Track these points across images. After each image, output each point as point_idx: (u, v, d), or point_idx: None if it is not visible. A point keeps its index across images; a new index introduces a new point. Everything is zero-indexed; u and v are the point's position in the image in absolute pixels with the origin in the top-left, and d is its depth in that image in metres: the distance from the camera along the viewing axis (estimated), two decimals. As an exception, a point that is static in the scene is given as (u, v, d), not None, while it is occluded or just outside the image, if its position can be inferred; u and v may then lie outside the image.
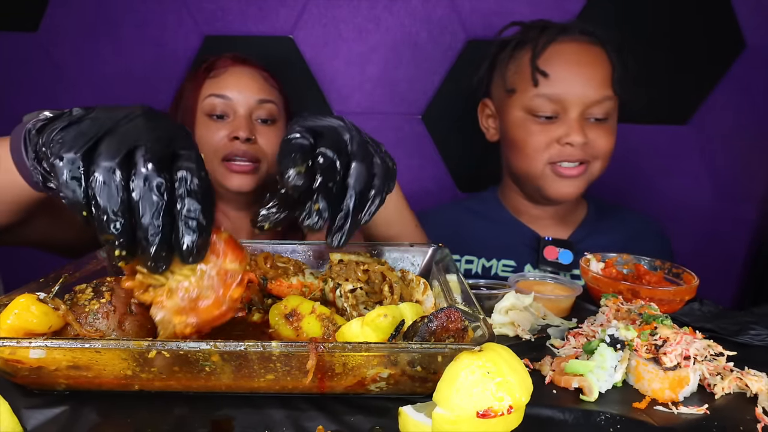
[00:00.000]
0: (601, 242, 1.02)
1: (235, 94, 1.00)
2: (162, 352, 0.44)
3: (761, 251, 1.32)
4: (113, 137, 0.43)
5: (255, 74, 1.04)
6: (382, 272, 0.63)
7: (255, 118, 1.02)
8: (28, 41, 1.29)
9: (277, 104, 1.05)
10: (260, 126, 1.03)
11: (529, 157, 0.98)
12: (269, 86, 1.06)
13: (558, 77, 0.95)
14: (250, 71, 1.04)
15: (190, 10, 1.26)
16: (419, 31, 1.27)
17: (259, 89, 1.03)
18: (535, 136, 0.97)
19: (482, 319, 0.50)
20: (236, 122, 1.00)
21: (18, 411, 0.46)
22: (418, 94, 1.31)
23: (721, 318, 0.71)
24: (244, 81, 1.02)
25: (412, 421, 0.43)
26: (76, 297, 0.52)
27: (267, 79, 1.06)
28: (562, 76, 0.95)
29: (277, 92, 1.07)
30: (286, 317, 0.56)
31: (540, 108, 0.96)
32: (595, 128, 0.96)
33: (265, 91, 1.04)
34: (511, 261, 1.04)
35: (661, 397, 0.52)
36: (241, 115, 1.01)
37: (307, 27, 1.27)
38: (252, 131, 1.00)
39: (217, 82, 1.02)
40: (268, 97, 1.03)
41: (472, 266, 1.06)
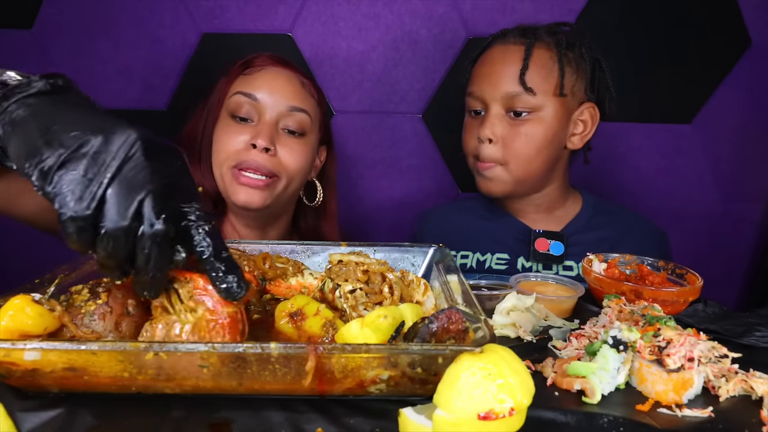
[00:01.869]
0: (593, 237, 1.02)
1: (264, 96, 0.91)
2: (159, 354, 0.44)
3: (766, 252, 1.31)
4: (121, 187, 0.41)
5: (292, 78, 0.95)
6: (381, 273, 0.63)
7: (282, 126, 0.92)
8: (22, 38, 1.29)
9: (311, 115, 0.95)
10: (285, 137, 0.92)
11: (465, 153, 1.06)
12: (306, 94, 0.96)
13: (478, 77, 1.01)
14: (287, 74, 0.95)
15: (188, 8, 1.26)
16: (419, 29, 1.26)
17: (293, 95, 0.93)
18: (467, 133, 1.05)
19: (483, 320, 0.50)
20: (259, 127, 0.90)
21: (13, 414, 0.45)
22: (418, 93, 1.30)
23: (726, 319, 0.70)
24: (279, 83, 0.93)
25: (413, 423, 0.42)
26: (72, 298, 0.51)
27: (305, 86, 0.96)
28: (480, 75, 1.01)
29: (313, 102, 0.97)
30: (291, 316, 0.55)
31: (470, 104, 1.03)
32: (515, 127, 0.97)
33: (299, 98, 0.94)
34: (505, 254, 1.05)
35: (664, 399, 0.52)
36: (266, 121, 0.91)
37: (306, 25, 1.26)
38: (273, 141, 0.90)
39: (249, 79, 0.93)
40: (301, 105, 0.93)
41: (467, 261, 1.08)
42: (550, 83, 0.96)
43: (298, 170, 0.94)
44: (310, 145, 0.96)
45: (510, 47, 0.98)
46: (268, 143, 0.88)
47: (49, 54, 1.29)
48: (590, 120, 1.00)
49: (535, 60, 0.95)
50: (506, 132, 0.97)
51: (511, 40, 0.99)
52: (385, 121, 1.32)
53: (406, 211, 1.38)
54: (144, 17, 1.26)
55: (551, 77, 0.96)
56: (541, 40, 0.97)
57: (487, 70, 1.00)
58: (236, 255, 0.66)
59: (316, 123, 0.97)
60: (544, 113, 0.96)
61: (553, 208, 1.07)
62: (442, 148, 1.34)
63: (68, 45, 1.28)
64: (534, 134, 0.96)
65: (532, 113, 0.96)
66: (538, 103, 0.95)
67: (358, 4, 1.25)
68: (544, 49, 0.96)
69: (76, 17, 1.27)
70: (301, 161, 0.94)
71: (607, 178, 1.24)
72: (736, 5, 1.20)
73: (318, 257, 0.73)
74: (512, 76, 0.95)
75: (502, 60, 0.98)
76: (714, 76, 1.25)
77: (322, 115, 1.00)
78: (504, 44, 1.00)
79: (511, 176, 0.99)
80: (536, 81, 0.95)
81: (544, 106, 0.96)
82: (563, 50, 0.96)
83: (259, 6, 1.25)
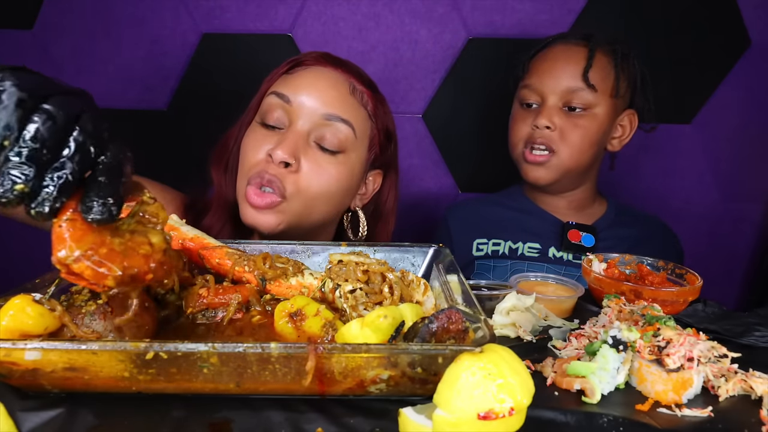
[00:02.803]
0: (618, 234, 1.10)
1: (299, 98, 0.75)
2: (160, 354, 0.44)
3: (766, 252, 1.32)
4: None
5: (340, 81, 0.78)
6: (381, 273, 0.63)
7: (314, 138, 0.76)
8: (23, 39, 1.29)
9: (356, 129, 0.78)
10: (316, 151, 0.76)
11: (513, 143, 1.12)
12: (354, 102, 0.79)
13: (538, 71, 1.08)
14: (335, 75, 0.79)
15: (188, 8, 1.26)
16: (419, 29, 1.26)
17: (335, 100, 0.76)
18: (517, 124, 1.10)
19: (483, 320, 0.50)
20: (285, 136, 0.75)
21: (13, 413, 0.45)
22: (418, 93, 1.30)
23: (725, 319, 0.70)
24: (321, 84, 0.77)
25: (413, 423, 0.42)
26: (73, 298, 0.51)
27: (356, 93, 0.79)
28: (541, 69, 1.07)
29: (363, 114, 0.80)
30: (291, 316, 0.55)
31: (525, 96, 1.09)
32: (571, 119, 1.04)
33: (342, 106, 0.77)
34: (536, 244, 1.11)
35: (664, 399, 0.52)
36: (295, 129, 0.75)
37: (306, 25, 1.26)
38: (296, 153, 0.74)
39: (289, 79, 0.79)
40: (343, 114, 0.76)
41: (499, 248, 1.12)
42: (607, 84, 1.04)
43: (321, 194, 0.77)
44: (348, 166, 0.79)
45: (572, 47, 1.06)
46: (287, 156, 0.73)
47: (50, 54, 1.29)
48: (629, 125, 1.09)
49: (596, 61, 1.03)
50: (563, 122, 1.04)
51: (573, 42, 1.07)
52: (385, 121, 1.32)
53: (407, 211, 1.38)
54: (144, 17, 1.26)
55: (608, 79, 1.04)
56: (601, 46, 1.05)
57: (548, 66, 1.07)
58: (236, 255, 0.66)
59: (363, 139, 0.80)
60: (598, 111, 1.04)
61: (583, 207, 1.14)
62: (442, 148, 1.34)
63: (69, 45, 1.29)
64: (589, 127, 1.04)
65: (586, 110, 1.04)
66: (595, 100, 1.03)
67: (358, 4, 1.25)
68: (604, 54, 1.05)
69: (77, 17, 1.27)
70: (328, 183, 0.77)
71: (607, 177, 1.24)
72: (736, 6, 1.20)
73: (318, 257, 0.73)
74: (574, 73, 1.03)
75: (564, 57, 1.05)
76: (714, 76, 1.25)
77: (378, 132, 0.83)
78: (566, 44, 1.08)
79: (562, 165, 1.05)
80: (596, 79, 1.02)
81: (599, 105, 1.04)
82: (620, 57, 1.05)
83: (259, 6, 1.25)
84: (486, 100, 1.31)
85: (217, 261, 0.66)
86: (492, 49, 1.26)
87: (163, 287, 0.61)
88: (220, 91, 1.29)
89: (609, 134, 1.09)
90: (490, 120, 1.32)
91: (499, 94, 1.30)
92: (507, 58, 1.25)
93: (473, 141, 1.35)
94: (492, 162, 1.34)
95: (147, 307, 0.54)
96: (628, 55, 1.07)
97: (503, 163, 1.35)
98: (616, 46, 1.07)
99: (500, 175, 1.29)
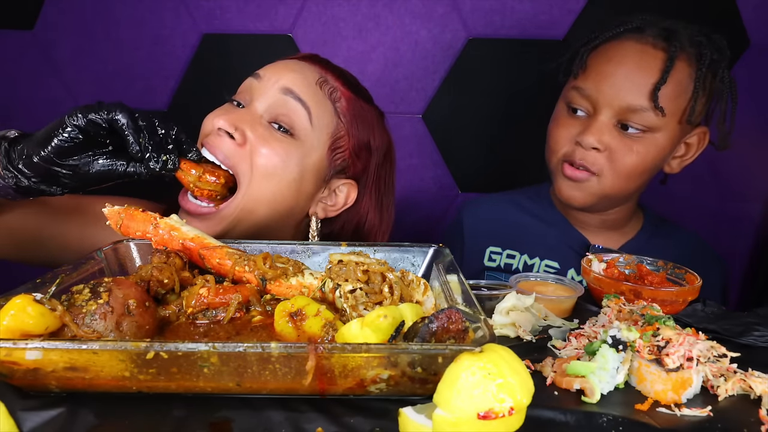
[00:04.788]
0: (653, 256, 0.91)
1: (266, 74, 0.78)
2: (160, 353, 0.44)
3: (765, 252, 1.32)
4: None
5: (312, 71, 0.80)
6: (381, 273, 0.63)
7: (269, 117, 0.76)
8: (23, 39, 1.29)
9: (314, 116, 0.77)
10: (268, 128, 0.76)
11: (550, 150, 0.94)
12: (321, 93, 0.79)
13: (595, 72, 0.86)
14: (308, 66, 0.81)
15: (189, 9, 1.26)
16: (419, 29, 1.26)
17: (299, 81, 0.77)
18: (559, 129, 0.92)
19: (483, 320, 0.50)
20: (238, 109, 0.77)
21: (14, 413, 0.45)
22: (418, 93, 1.30)
23: (725, 319, 0.70)
24: (291, 68, 0.79)
25: (413, 422, 0.42)
26: (74, 298, 0.51)
27: (325, 86, 0.79)
28: (599, 72, 0.85)
29: (329, 108, 0.79)
30: (291, 316, 0.55)
31: (573, 100, 0.89)
32: (625, 141, 0.85)
33: (305, 89, 0.77)
34: (555, 263, 0.98)
35: (663, 398, 0.52)
36: (251, 106, 0.77)
37: (306, 25, 1.27)
38: (240, 125, 0.73)
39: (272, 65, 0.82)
40: (302, 95, 0.76)
41: (513, 261, 1.00)
42: (679, 106, 0.83)
43: (272, 172, 0.75)
44: (299, 152, 0.76)
45: (648, 49, 0.83)
46: (229, 125, 0.72)
47: (50, 54, 1.29)
48: (696, 145, 0.90)
49: (674, 73, 0.81)
50: (615, 144, 0.85)
51: (650, 41, 0.84)
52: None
53: (407, 212, 1.38)
54: (145, 18, 1.26)
55: (682, 98, 0.82)
56: (684, 51, 0.83)
57: (612, 69, 0.84)
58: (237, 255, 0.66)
59: (322, 133, 0.78)
60: (659, 135, 0.84)
61: (618, 226, 0.98)
62: (442, 148, 1.34)
63: (69, 45, 1.29)
64: (646, 154, 0.85)
65: (645, 132, 0.84)
66: (659, 123, 0.83)
67: (358, 5, 1.25)
68: (685, 64, 0.82)
69: (77, 18, 1.27)
70: (276, 163, 0.74)
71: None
72: (735, 6, 1.20)
73: (318, 257, 0.73)
74: (642, 86, 0.81)
75: (636, 63, 0.83)
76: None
77: (349, 137, 0.81)
78: (641, 42, 0.84)
79: (602, 191, 0.89)
80: (668, 98, 0.81)
81: (663, 129, 0.83)
82: (705, 66, 0.82)
83: (260, 6, 1.25)
84: (486, 100, 1.31)
85: (218, 261, 0.66)
86: (492, 49, 1.26)
87: (163, 287, 0.61)
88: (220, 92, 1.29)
89: (669, 156, 0.89)
90: (491, 120, 1.32)
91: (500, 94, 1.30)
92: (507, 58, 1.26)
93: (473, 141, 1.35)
94: (492, 162, 1.34)
95: (147, 307, 0.54)
96: (718, 64, 0.84)
97: (504, 163, 1.36)
98: (705, 50, 0.82)
99: (500, 175, 1.29)
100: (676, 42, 0.82)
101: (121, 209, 0.68)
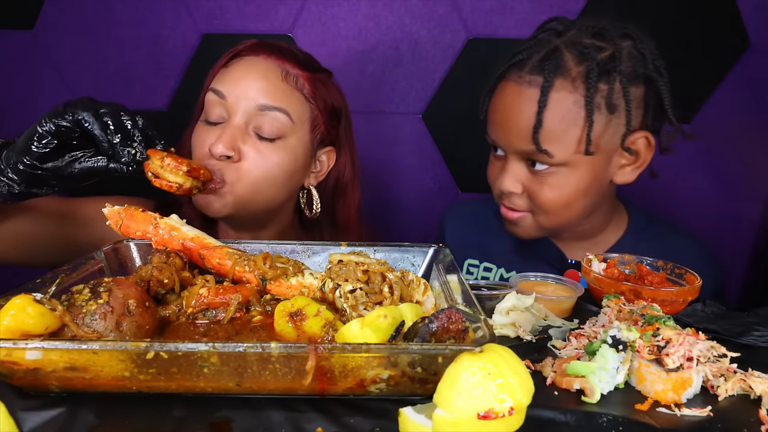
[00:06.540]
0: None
1: (232, 93, 0.78)
2: (160, 353, 0.44)
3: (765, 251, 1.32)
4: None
5: (271, 69, 0.80)
6: (381, 273, 0.63)
7: (253, 128, 0.79)
8: (23, 39, 1.29)
9: (292, 115, 0.80)
10: (256, 140, 0.79)
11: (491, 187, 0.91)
12: (288, 88, 0.80)
13: (491, 119, 0.85)
14: (266, 64, 0.80)
15: (189, 8, 1.26)
16: (419, 29, 1.26)
17: (266, 91, 0.78)
18: (490, 167, 0.91)
19: (483, 319, 0.50)
20: (223, 130, 0.78)
21: (14, 413, 0.45)
22: (418, 93, 1.30)
23: (725, 319, 0.70)
24: (252, 76, 0.79)
25: (413, 422, 0.42)
26: (74, 298, 0.51)
27: (290, 77, 0.81)
28: (492, 119, 0.84)
29: (299, 97, 0.82)
30: (291, 316, 0.55)
31: (492, 140, 0.86)
32: (538, 177, 0.81)
33: (274, 95, 0.79)
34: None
35: (663, 398, 0.52)
36: (233, 123, 0.78)
37: (306, 25, 1.27)
38: (235, 145, 0.77)
39: (225, 73, 0.82)
40: (276, 103, 0.78)
41: (490, 274, 0.98)
42: (572, 137, 0.76)
43: (263, 179, 0.80)
44: (289, 151, 0.81)
45: (523, 89, 0.77)
46: (226, 149, 0.76)
47: (50, 54, 1.29)
48: (644, 150, 0.82)
49: (553, 108, 0.75)
50: (529, 183, 0.82)
51: (527, 78, 0.77)
52: (385, 121, 1.32)
53: (406, 212, 1.38)
54: (144, 18, 1.26)
55: (574, 129, 0.76)
56: (564, 75, 0.75)
57: (498, 117, 0.82)
58: (237, 255, 0.66)
59: (303, 123, 0.82)
60: (573, 166, 0.79)
61: (595, 234, 0.92)
62: (442, 148, 1.34)
63: (69, 45, 1.29)
64: (562, 186, 0.80)
65: (557, 167, 0.79)
66: (562, 160, 0.78)
67: (358, 5, 1.25)
68: (567, 91, 0.75)
69: (77, 18, 1.27)
70: (270, 169, 0.80)
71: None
72: (735, 6, 1.20)
73: (318, 257, 0.73)
74: (525, 132, 0.77)
75: (514, 107, 0.79)
76: (713, 75, 1.25)
77: (320, 112, 0.84)
78: (518, 81, 0.79)
79: (541, 224, 0.86)
80: (554, 137, 0.76)
81: (571, 161, 0.78)
82: (594, 83, 0.74)
83: (260, 6, 1.25)
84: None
85: (218, 261, 0.66)
86: (492, 49, 1.26)
87: (163, 287, 0.61)
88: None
89: (607, 173, 0.82)
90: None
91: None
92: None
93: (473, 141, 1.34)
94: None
95: (147, 307, 0.54)
96: (611, 70, 0.75)
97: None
98: (590, 65, 0.74)
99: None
100: (551, 66, 0.75)
101: (121, 209, 0.68)
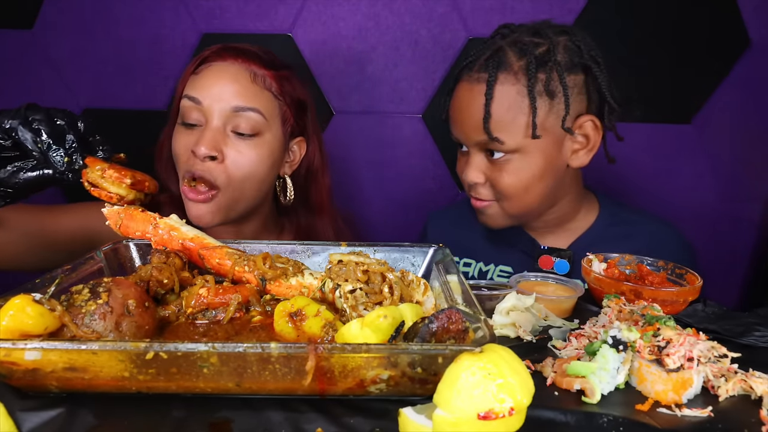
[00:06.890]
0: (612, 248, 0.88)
1: (207, 98, 0.83)
2: (160, 354, 0.44)
3: (766, 252, 1.32)
4: None
5: (240, 73, 0.85)
6: (381, 273, 0.63)
7: (231, 129, 0.84)
8: (23, 38, 1.29)
9: (264, 113, 0.86)
10: (235, 139, 0.84)
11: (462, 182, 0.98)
12: (258, 88, 0.86)
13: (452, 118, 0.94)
14: (234, 69, 0.85)
15: (188, 8, 1.26)
16: (419, 29, 1.26)
17: (238, 94, 0.84)
18: (458, 163, 0.98)
19: (483, 320, 0.50)
20: (203, 133, 0.83)
21: (13, 413, 0.45)
22: (418, 93, 1.30)
23: (725, 319, 0.70)
24: (223, 81, 0.84)
25: (413, 422, 0.42)
26: (73, 298, 0.51)
27: (258, 78, 0.86)
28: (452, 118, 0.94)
29: (268, 96, 0.87)
30: (291, 316, 0.55)
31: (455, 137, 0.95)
32: (497, 165, 0.89)
33: (246, 96, 0.84)
34: (509, 267, 1.00)
35: (664, 399, 0.52)
36: (211, 126, 0.83)
37: (306, 25, 1.27)
38: (218, 146, 0.82)
39: (196, 80, 0.86)
40: (249, 104, 0.84)
41: (469, 269, 1.04)
42: (520, 124, 0.85)
43: (248, 176, 0.86)
44: (266, 146, 0.87)
45: (474, 86, 0.87)
46: (210, 150, 0.81)
47: (50, 54, 1.29)
48: (592, 133, 0.89)
49: (499, 99, 0.84)
50: (489, 172, 0.90)
51: (475, 76, 0.87)
52: (385, 121, 1.32)
53: (407, 212, 1.38)
54: (144, 17, 1.26)
55: (521, 116, 0.85)
56: (507, 70, 0.85)
57: (456, 114, 0.92)
58: (236, 255, 0.66)
59: (274, 118, 0.88)
60: (526, 152, 0.87)
61: (565, 221, 0.98)
62: (442, 148, 1.34)
63: (69, 45, 1.29)
64: (519, 171, 0.88)
65: (511, 153, 0.87)
66: (515, 144, 0.86)
67: (358, 4, 1.25)
68: (510, 83, 0.85)
69: (77, 17, 1.27)
70: (251, 166, 0.86)
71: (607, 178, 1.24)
72: (736, 6, 1.20)
73: (318, 257, 0.73)
74: (478, 122, 0.86)
75: (467, 103, 0.88)
76: (714, 76, 1.25)
77: (288, 107, 0.90)
78: (469, 80, 0.89)
79: (508, 212, 0.93)
80: (503, 125, 0.85)
81: (523, 147, 0.87)
82: (534, 74, 0.83)
83: (259, 6, 1.25)
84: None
85: (217, 261, 0.66)
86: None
87: (162, 287, 0.61)
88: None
89: (561, 156, 0.89)
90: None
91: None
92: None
93: (473, 141, 1.34)
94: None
95: (146, 308, 0.54)
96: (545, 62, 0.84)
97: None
98: (529, 59, 0.83)
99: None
100: (494, 64, 0.86)
101: (120, 209, 0.68)
